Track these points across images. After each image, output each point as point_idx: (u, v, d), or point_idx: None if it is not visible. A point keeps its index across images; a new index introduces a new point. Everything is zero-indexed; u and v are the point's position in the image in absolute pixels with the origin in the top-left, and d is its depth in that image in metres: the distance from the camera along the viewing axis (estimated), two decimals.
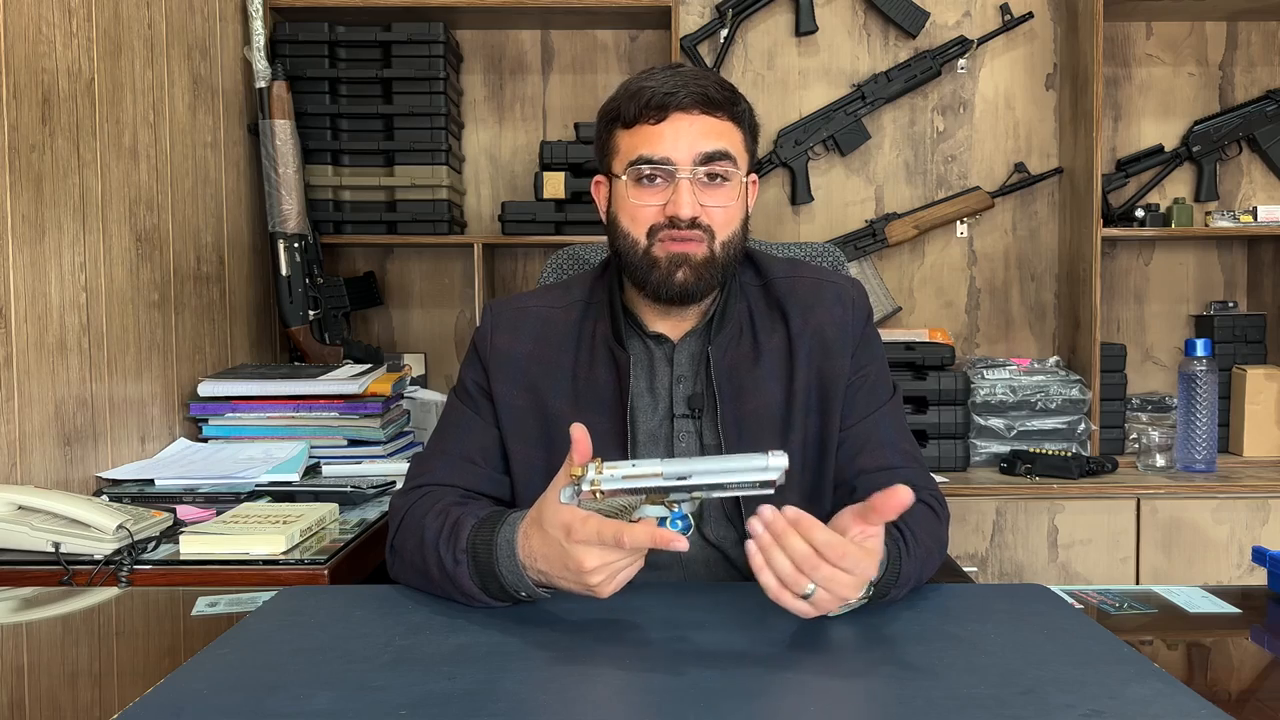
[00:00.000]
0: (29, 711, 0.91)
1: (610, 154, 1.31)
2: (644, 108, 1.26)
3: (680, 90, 1.25)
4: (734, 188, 1.28)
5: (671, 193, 1.26)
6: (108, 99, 1.86)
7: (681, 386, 1.32)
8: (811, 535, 0.97)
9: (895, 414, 1.35)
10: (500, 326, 1.36)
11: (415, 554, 1.17)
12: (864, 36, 2.82)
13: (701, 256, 1.27)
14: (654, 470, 0.98)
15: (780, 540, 0.98)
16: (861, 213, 2.84)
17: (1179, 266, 2.86)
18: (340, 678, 0.91)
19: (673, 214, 1.25)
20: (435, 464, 1.30)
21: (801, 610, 1.00)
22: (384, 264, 2.83)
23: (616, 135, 1.30)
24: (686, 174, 1.25)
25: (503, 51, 2.82)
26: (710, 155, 1.25)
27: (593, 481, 0.99)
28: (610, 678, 0.91)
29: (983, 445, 2.58)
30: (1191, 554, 2.39)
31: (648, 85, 1.26)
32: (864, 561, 1.00)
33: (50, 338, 1.68)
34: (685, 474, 0.99)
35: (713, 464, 0.99)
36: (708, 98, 1.26)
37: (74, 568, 1.40)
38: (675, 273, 1.26)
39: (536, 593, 1.08)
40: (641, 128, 1.27)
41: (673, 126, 1.25)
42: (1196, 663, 1.03)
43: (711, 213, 1.27)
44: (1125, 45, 2.82)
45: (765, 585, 0.99)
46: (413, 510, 1.23)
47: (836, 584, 0.98)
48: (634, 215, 1.28)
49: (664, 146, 1.25)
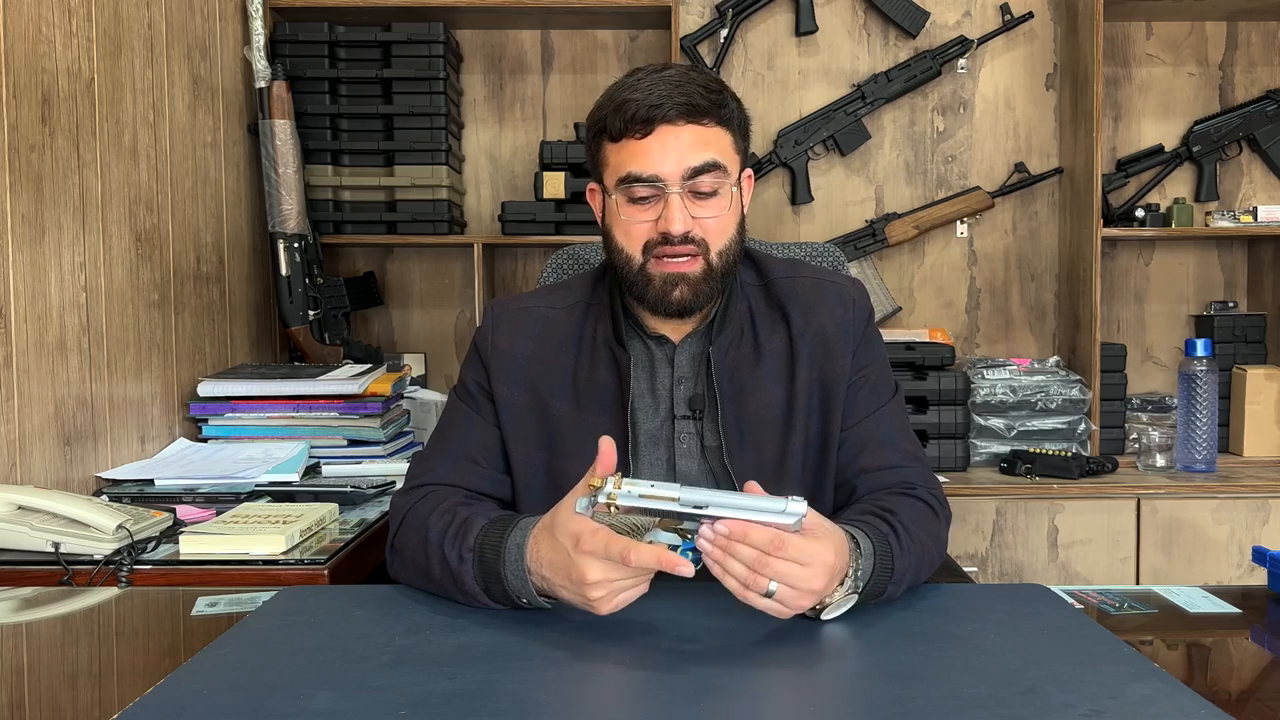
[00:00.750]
0: (29, 711, 0.91)
1: (600, 166, 1.30)
2: (629, 122, 1.24)
3: (665, 102, 1.23)
4: (725, 197, 1.27)
5: (663, 208, 1.25)
6: (108, 99, 1.86)
7: (682, 387, 1.32)
8: (749, 539, 0.99)
9: (897, 413, 1.35)
10: (501, 326, 1.36)
11: (418, 552, 1.17)
12: (864, 36, 2.82)
13: (698, 273, 1.26)
14: (671, 494, 0.98)
15: (728, 551, 0.99)
16: (861, 213, 2.84)
17: (1179, 266, 2.86)
18: (340, 678, 0.91)
19: (664, 230, 1.24)
20: (436, 463, 1.30)
21: (773, 610, 1.01)
22: (384, 264, 2.83)
23: (604, 148, 1.28)
24: (676, 189, 1.24)
25: (503, 51, 2.82)
26: (699, 169, 1.24)
27: (609, 495, 0.98)
28: (610, 678, 0.91)
29: (983, 445, 2.58)
30: (1191, 554, 2.39)
31: (632, 98, 1.24)
32: (811, 548, 1.00)
33: (50, 338, 1.68)
34: (702, 504, 0.99)
35: (731, 499, 1.00)
36: (693, 106, 1.23)
37: (74, 568, 1.40)
38: (671, 291, 1.26)
39: (537, 600, 1.08)
40: (628, 143, 1.25)
41: (659, 140, 1.23)
42: (1196, 663, 1.03)
43: (705, 224, 1.26)
44: (1125, 45, 2.82)
45: (731, 589, 1.01)
46: (415, 509, 1.23)
47: (793, 577, 0.99)
48: (627, 232, 1.27)
49: (651, 163, 1.23)
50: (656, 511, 0.99)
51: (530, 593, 1.07)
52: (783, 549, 0.99)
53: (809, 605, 1.02)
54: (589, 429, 1.25)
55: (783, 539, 0.99)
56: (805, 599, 1.01)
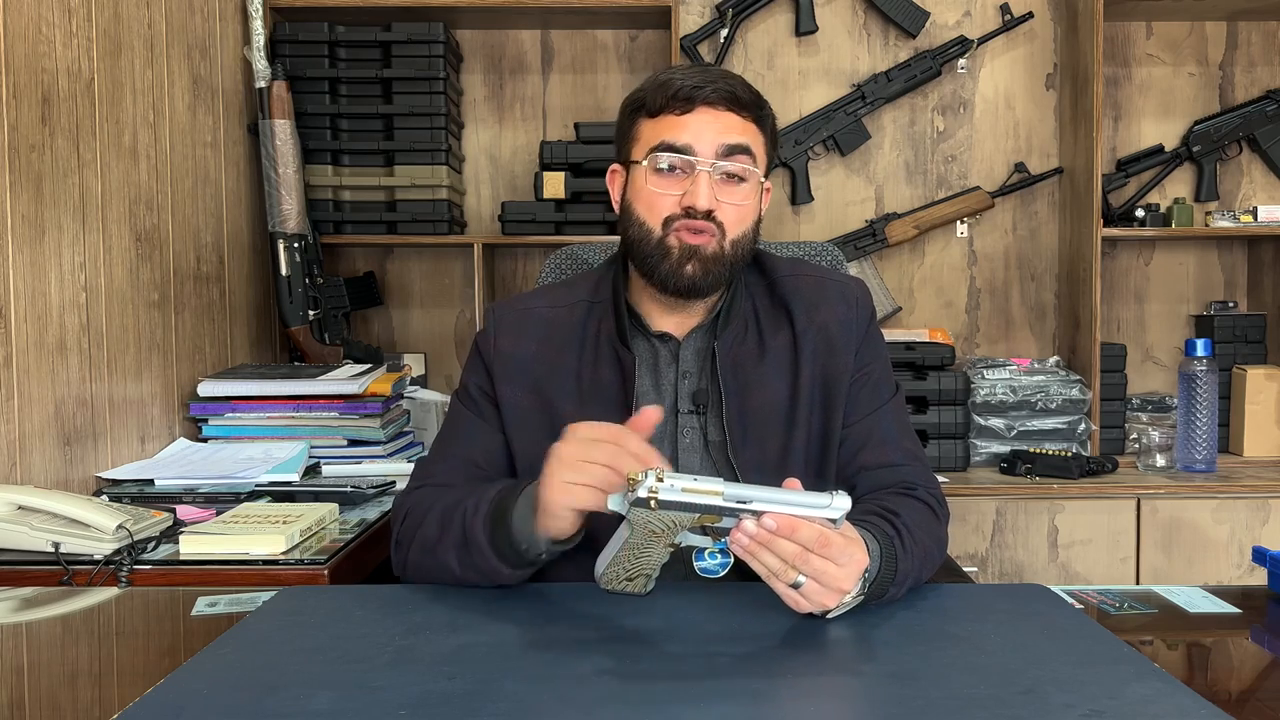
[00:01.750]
0: (29, 711, 0.91)
1: (631, 141, 1.32)
2: (671, 98, 1.27)
3: (708, 85, 1.27)
4: (751, 187, 1.29)
5: (690, 184, 1.26)
6: (108, 99, 1.86)
7: (687, 382, 1.33)
8: (797, 536, 0.98)
9: (897, 412, 1.35)
10: (504, 329, 1.36)
11: (429, 528, 1.19)
12: (864, 36, 2.82)
13: (712, 251, 1.27)
14: (715, 489, 0.98)
15: (769, 545, 0.99)
16: (861, 213, 2.84)
17: (1179, 266, 2.86)
18: (340, 678, 0.91)
19: (689, 204, 1.26)
20: (438, 468, 1.31)
21: (793, 600, 1.01)
22: (384, 264, 2.83)
23: (640, 124, 1.31)
24: (706, 166, 1.26)
25: (503, 51, 2.82)
26: (732, 148, 1.27)
27: (651, 489, 0.98)
28: (610, 678, 0.91)
29: (983, 445, 2.58)
30: (1191, 554, 2.39)
31: (676, 78, 1.28)
32: (850, 549, 1.01)
33: (50, 338, 1.68)
34: (746, 499, 0.98)
35: (775, 494, 0.99)
36: (735, 96, 1.28)
37: (74, 568, 1.40)
38: (685, 265, 1.27)
39: (534, 540, 1.10)
40: (666, 117, 1.28)
41: (698, 119, 1.27)
42: (1196, 663, 1.03)
43: (726, 209, 1.27)
44: (1125, 45, 2.82)
45: (759, 574, 1.01)
46: (417, 506, 1.24)
47: (828, 576, 1.00)
48: (650, 203, 1.28)
49: (687, 135, 1.26)
50: (698, 506, 0.98)
51: (529, 536, 1.10)
52: (826, 547, 0.99)
53: (832, 604, 1.02)
54: None
55: (828, 538, 0.99)
56: (831, 598, 1.01)
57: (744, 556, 1.00)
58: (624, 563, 1.02)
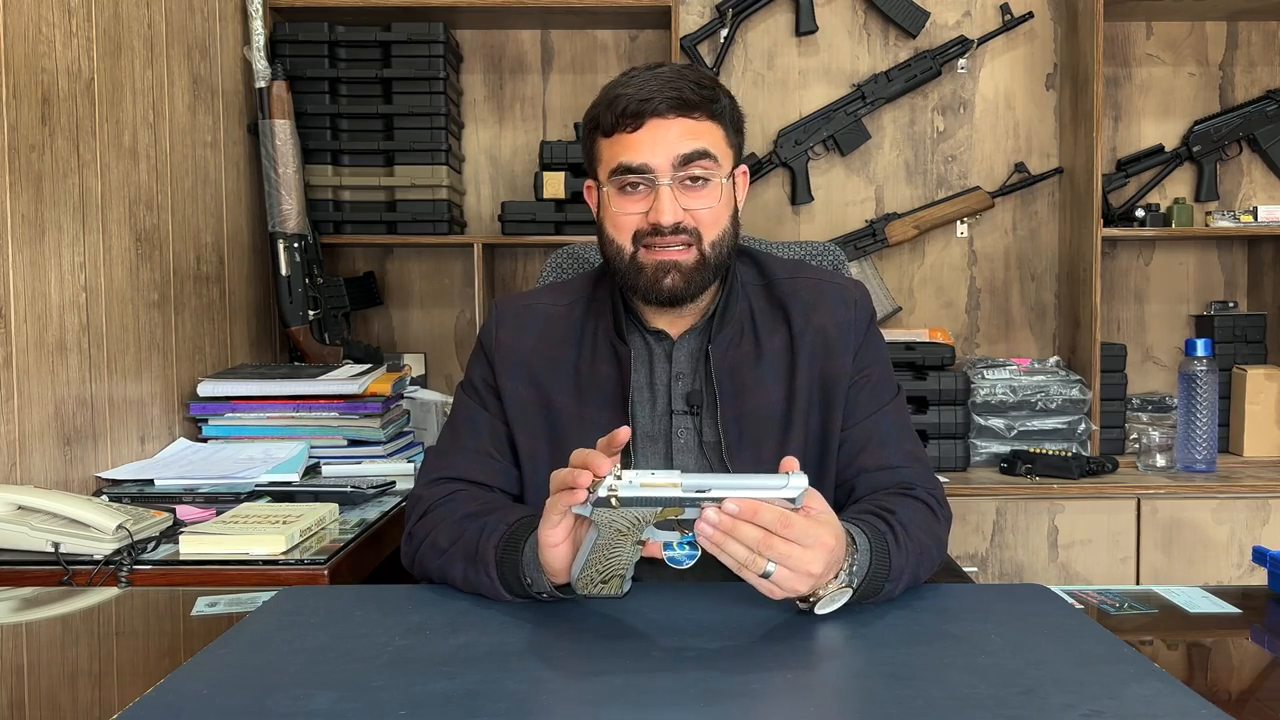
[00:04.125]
0: (29, 711, 0.91)
1: (594, 162, 1.32)
2: (620, 116, 1.26)
3: (655, 96, 1.25)
4: (717, 188, 1.28)
5: (653, 199, 1.26)
6: (108, 99, 1.86)
7: (680, 383, 1.33)
8: (759, 518, 0.98)
9: (898, 414, 1.35)
10: (505, 323, 1.38)
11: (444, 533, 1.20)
12: (864, 36, 2.82)
13: (690, 261, 1.27)
14: (672, 480, 0.98)
15: (731, 532, 0.99)
16: (861, 213, 2.84)
17: (1179, 266, 2.86)
18: (340, 678, 0.91)
19: (655, 221, 1.26)
20: (455, 458, 1.32)
21: (768, 590, 1.01)
22: (384, 264, 2.83)
23: (598, 144, 1.31)
24: (666, 180, 1.25)
25: (503, 51, 2.82)
26: (689, 156, 1.25)
27: (610, 488, 0.98)
28: (610, 678, 0.91)
29: (983, 445, 2.58)
30: (1191, 554, 2.39)
31: (624, 93, 1.26)
32: (814, 530, 1.00)
33: (50, 338, 1.68)
34: (704, 488, 0.98)
35: (733, 480, 1.00)
36: (683, 100, 1.26)
37: (74, 568, 1.40)
38: (663, 279, 1.27)
39: (539, 577, 1.09)
40: (619, 136, 1.27)
41: (650, 133, 1.25)
42: (1196, 663, 1.03)
43: (697, 215, 1.27)
44: (1125, 45, 2.82)
45: (729, 566, 1.01)
46: (436, 505, 1.25)
47: (794, 559, 0.99)
48: (617, 224, 1.29)
49: (642, 153, 1.25)
50: (658, 500, 0.99)
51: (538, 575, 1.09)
52: (788, 528, 0.99)
53: (804, 589, 1.02)
54: (590, 423, 1.28)
55: (789, 519, 0.99)
56: (802, 582, 1.01)
57: (712, 550, 1.00)
58: (596, 565, 1.03)
